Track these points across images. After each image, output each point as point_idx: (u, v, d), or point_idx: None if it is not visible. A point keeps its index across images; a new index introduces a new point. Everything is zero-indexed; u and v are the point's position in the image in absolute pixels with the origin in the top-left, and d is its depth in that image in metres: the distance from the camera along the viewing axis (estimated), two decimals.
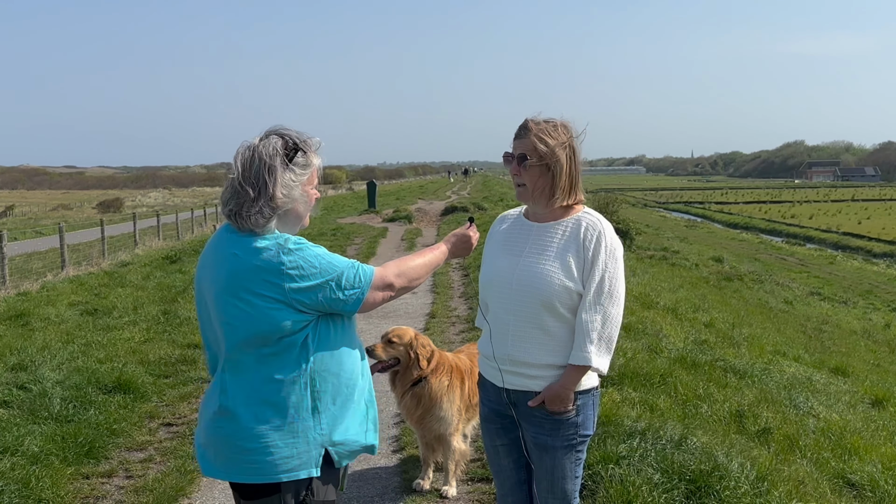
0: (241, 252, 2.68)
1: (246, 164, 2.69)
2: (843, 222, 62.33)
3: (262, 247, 2.66)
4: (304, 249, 2.68)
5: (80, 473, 5.43)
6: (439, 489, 4.99)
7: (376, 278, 2.79)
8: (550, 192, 3.04)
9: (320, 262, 2.68)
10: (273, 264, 2.63)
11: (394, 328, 4.94)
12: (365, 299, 2.76)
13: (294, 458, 2.69)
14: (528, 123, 3.05)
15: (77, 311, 11.84)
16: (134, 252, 22.43)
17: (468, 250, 3.18)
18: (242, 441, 2.69)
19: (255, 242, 2.67)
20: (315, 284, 2.65)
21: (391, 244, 21.97)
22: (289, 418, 2.68)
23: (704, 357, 8.30)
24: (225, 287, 2.69)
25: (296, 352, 2.70)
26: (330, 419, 2.75)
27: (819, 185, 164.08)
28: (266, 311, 2.64)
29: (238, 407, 2.70)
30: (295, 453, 2.69)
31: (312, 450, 2.71)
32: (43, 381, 7.06)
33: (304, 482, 2.72)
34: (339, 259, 2.75)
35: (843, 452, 6.06)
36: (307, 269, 2.65)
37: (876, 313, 24.98)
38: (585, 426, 3.11)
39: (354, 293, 2.73)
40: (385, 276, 2.82)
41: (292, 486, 2.71)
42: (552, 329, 3.01)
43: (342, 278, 2.70)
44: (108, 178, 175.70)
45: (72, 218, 50.75)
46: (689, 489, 4.55)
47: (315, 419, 2.72)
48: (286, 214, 2.75)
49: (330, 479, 2.80)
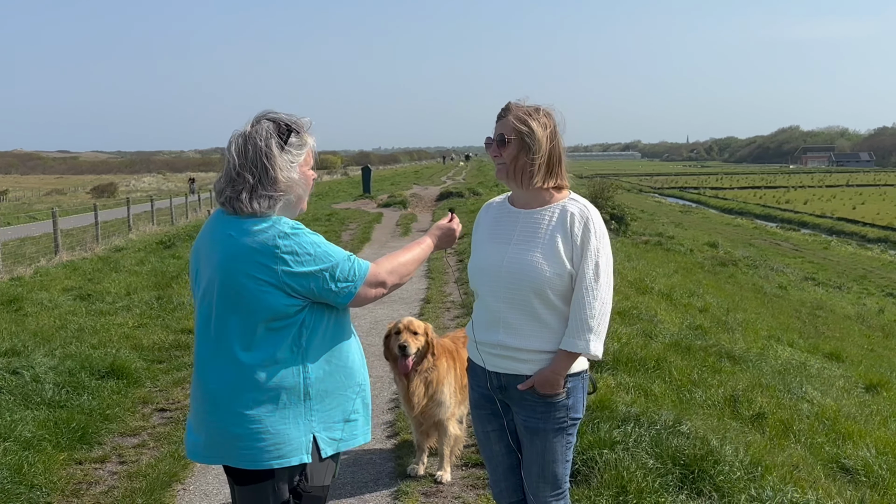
0: (237, 233, 2.66)
1: (240, 151, 2.68)
2: (837, 207, 62.39)
3: (258, 229, 2.64)
4: (300, 235, 2.65)
5: (73, 459, 5.41)
6: (433, 474, 4.99)
7: (370, 275, 2.76)
8: (529, 172, 3.02)
9: (316, 250, 2.66)
10: (268, 247, 2.61)
11: (406, 320, 4.90)
12: (357, 294, 2.73)
13: (285, 445, 2.67)
14: (510, 105, 3.07)
15: (70, 297, 11.81)
16: (128, 237, 22.38)
17: (452, 241, 3.18)
18: (233, 427, 2.67)
19: (252, 224, 2.65)
20: (308, 272, 2.63)
21: (386, 230, 21.94)
22: (280, 404, 2.66)
23: (699, 342, 8.31)
24: (219, 268, 2.67)
25: (289, 338, 2.68)
26: (322, 407, 2.73)
27: (814, 170, 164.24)
28: (257, 293, 2.62)
29: (230, 392, 2.68)
30: (286, 440, 2.67)
31: (303, 436, 2.69)
32: (36, 367, 7.03)
33: (297, 468, 2.71)
34: (336, 250, 2.71)
35: (837, 437, 6.07)
36: (302, 255, 2.63)
37: (870, 298, 25.06)
38: (576, 409, 3.11)
39: (347, 287, 2.70)
40: (379, 273, 2.79)
41: (286, 473, 2.70)
42: (543, 316, 3.01)
43: (336, 270, 2.68)
44: (101, 162, 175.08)
45: (65, 203, 50.61)
46: (683, 474, 4.55)
47: (306, 406, 2.70)
48: (290, 197, 2.73)
49: (325, 465, 2.78)
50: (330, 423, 2.76)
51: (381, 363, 7.09)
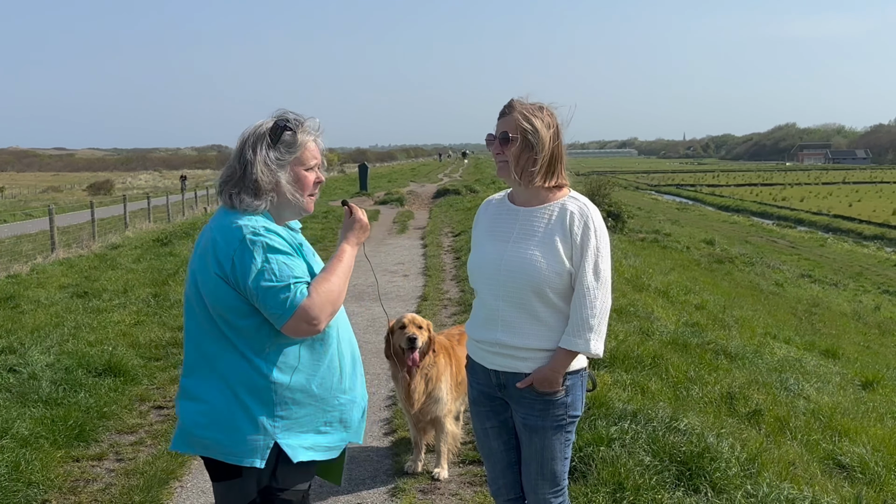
0: (215, 227, 2.69)
1: (240, 142, 2.73)
2: (833, 205, 62.46)
3: (233, 225, 2.64)
4: (257, 244, 2.60)
5: (70, 456, 5.41)
6: (431, 471, 4.99)
7: (301, 309, 2.60)
8: (531, 171, 3.00)
9: (263, 265, 2.59)
10: (230, 244, 2.61)
11: (409, 315, 4.88)
12: (285, 326, 2.61)
13: (239, 444, 2.66)
14: (513, 102, 3.04)
15: (67, 294, 11.79)
16: (124, 234, 22.33)
17: (365, 230, 2.97)
18: (194, 415, 2.71)
19: (231, 219, 2.67)
20: (245, 284, 2.59)
21: (383, 227, 21.93)
22: (238, 402, 2.66)
23: (695, 339, 8.32)
24: (193, 259, 2.73)
25: (250, 336, 2.66)
26: (288, 413, 2.70)
27: (810, 167, 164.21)
28: (213, 286, 2.63)
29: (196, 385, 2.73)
30: (239, 439, 2.66)
31: (260, 439, 2.67)
32: (32, 364, 7.03)
33: (267, 468, 2.70)
34: (284, 272, 2.60)
35: (833, 434, 6.08)
36: (247, 265, 2.59)
37: (866, 295, 25.08)
38: (575, 407, 3.11)
39: (275, 315, 2.60)
40: (311, 309, 2.61)
41: (254, 472, 2.70)
42: (542, 315, 3.01)
43: (270, 292, 2.58)
44: (98, 160, 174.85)
45: (62, 200, 50.49)
46: (679, 471, 4.56)
47: (268, 409, 2.67)
48: (274, 196, 2.72)
49: (298, 470, 2.76)
50: (299, 432, 2.72)
51: (378, 360, 7.09)
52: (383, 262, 14.64)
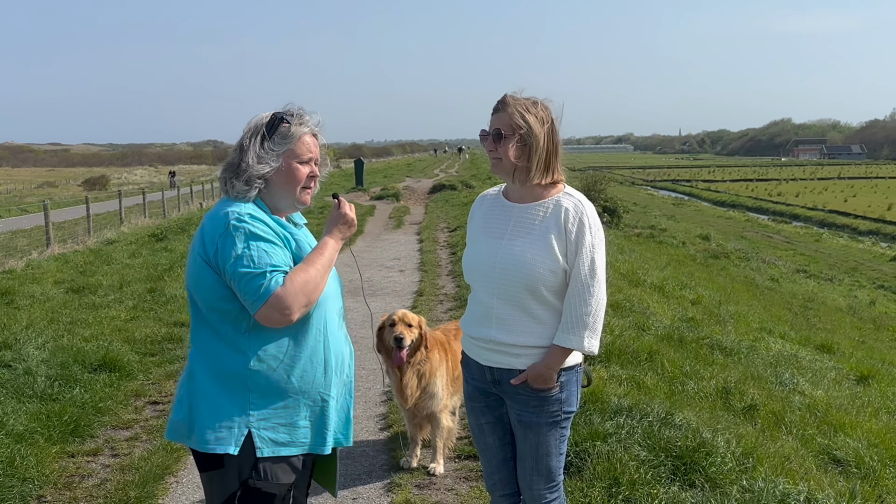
0: (209, 212, 2.76)
1: (243, 131, 2.78)
2: (829, 200, 62.59)
3: (222, 212, 2.68)
4: (240, 231, 2.61)
5: (66, 452, 5.40)
6: (427, 466, 4.99)
7: (274, 298, 2.58)
8: (526, 168, 2.97)
9: (243, 251, 2.60)
10: (216, 229, 2.66)
11: (400, 312, 4.88)
12: (258, 313, 2.60)
13: (212, 430, 2.66)
14: (507, 98, 2.99)
15: (62, 290, 11.76)
16: (120, 230, 22.28)
17: (351, 226, 2.93)
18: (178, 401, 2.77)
19: (222, 206, 2.72)
20: (225, 269, 2.61)
21: (379, 222, 21.91)
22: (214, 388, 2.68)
23: (691, 334, 8.33)
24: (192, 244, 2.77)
25: (232, 320, 2.67)
26: (263, 403, 2.69)
27: (805, 162, 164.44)
28: (199, 269, 2.68)
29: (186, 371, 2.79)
30: (216, 426, 2.66)
31: (235, 427, 2.66)
32: (27, 360, 7.01)
33: (247, 460, 2.68)
34: (262, 260, 2.60)
35: (828, 429, 6.10)
36: (228, 250, 2.61)
37: (861, 290, 25.15)
38: (570, 403, 3.10)
39: (249, 301, 2.60)
40: (284, 298, 2.58)
41: (235, 463, 2.68)
42: (536, 312, 2.99)
43: (244, 280, 2.58)
44: (93, 155, 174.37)
45: (57, 195, 50.38)
46: (675, 465, 4.57)
47: (244, 397, 2.67)
48: (266, 186, 2.75)
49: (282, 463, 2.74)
50: (273, 424, 2.71)
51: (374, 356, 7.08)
52: (379, 258, 14.63)
